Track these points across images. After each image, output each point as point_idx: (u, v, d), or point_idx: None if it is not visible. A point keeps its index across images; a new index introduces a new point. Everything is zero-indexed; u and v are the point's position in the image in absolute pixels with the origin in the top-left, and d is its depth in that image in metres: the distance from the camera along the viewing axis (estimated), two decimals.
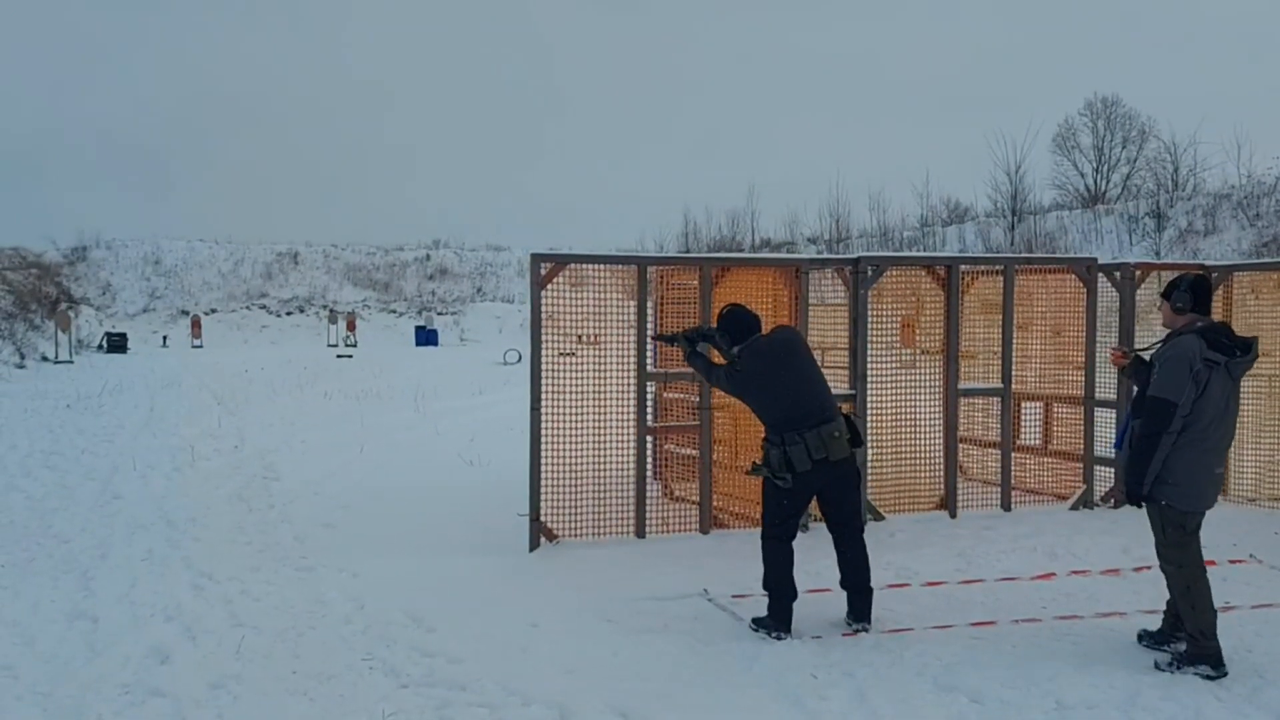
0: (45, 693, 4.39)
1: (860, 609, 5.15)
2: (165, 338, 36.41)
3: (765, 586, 5.16)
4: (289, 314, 40.97)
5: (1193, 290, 4.58)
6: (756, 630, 5.07)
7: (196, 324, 36.74)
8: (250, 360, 27.31)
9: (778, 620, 5.05)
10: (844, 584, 5.22)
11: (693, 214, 65.78)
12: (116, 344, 32.25)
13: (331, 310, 39.88)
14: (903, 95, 73.36)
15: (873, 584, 5.22)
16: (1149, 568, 6.24)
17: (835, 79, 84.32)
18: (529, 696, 4.25)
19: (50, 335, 28.99)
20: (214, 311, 39.52)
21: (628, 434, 7.02)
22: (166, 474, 9.97)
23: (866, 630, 5.08)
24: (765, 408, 5.16)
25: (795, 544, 5.19)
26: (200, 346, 35.23)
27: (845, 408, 6.97)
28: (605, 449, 6.95)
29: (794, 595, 5.10)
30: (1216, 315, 8.34)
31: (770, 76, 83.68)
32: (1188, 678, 4.41)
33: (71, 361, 26.70)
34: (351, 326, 38.16)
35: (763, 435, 5.22)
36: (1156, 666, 4.54)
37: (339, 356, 30.59)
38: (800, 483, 5.03)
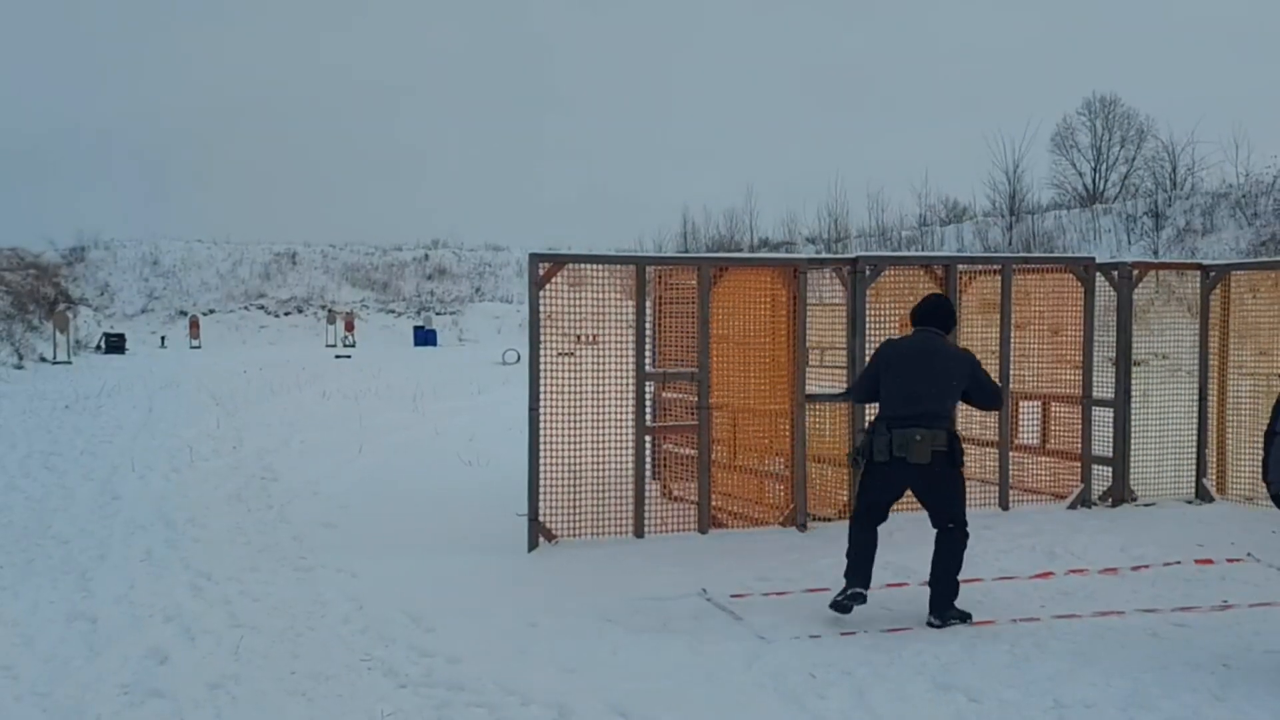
0: (44, 693, 4.39)
1: (932, 604, 5.26)
2: (163, 338, 36.32)
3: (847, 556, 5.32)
4: (287, 314, 40.90)
5: None
6: (941, 626, 5.14)
7: (195, 324, 36.69)
8: (248, 361, 27.25)
9: (851, 579, 5.17)
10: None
11: (691, 214, 65.30)
12: (115, 344, 32.18)
13: (330, 310, 39.81)
14: (902, 95, 73.33)
15: (959, 579, 5.30)
16: (1147, 567, 6.27)
17: (835, 79, 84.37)
18: (528, 696, 4.25)
19: (48, 336, 28.90)
20: (212, 312, 39.43)
21: (626, 434, 7.03)
22: (165, 474, 9.97)
23: (934, 625, 5.16)
24: (881, 395, 5.40)
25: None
26: (198, 347, 35.17)
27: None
28: (604, 449, 6.96)
29: (860, 567, 5.21)
30: (1214, 315, 8.37)
31: (770, 76, 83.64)
32: (1187, 675, 4.41)
33: (70, 362, 26.65)
34: (350, 327, 38.12)
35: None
36: None
37: (337, 357, 30.57)
38: (876, 472, 5.25)
